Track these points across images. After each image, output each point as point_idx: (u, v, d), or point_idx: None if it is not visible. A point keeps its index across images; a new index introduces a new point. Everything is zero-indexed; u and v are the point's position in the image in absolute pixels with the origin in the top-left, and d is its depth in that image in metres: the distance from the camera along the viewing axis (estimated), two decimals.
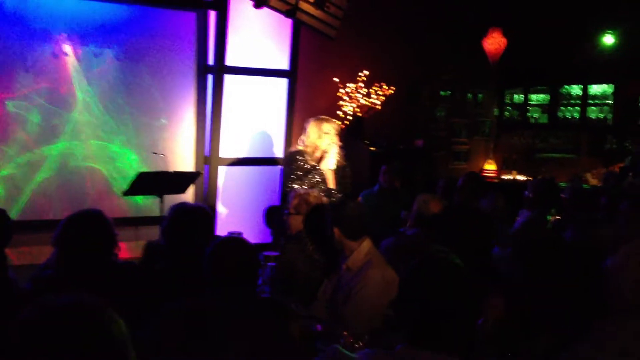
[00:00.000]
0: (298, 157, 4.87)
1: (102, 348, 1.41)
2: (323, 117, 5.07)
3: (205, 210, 3.08)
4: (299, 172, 4.78)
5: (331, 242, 3.56)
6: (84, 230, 2.77)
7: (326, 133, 4.83)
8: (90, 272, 2.65)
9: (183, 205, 3.09)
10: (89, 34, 6.17)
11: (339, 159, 4.99)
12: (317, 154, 4.99)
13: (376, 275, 3.25)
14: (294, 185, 4.71)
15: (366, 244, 3.40)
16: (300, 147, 4.92)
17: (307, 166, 4.80)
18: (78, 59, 6.17)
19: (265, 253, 3.29)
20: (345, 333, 2.60)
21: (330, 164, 4.85)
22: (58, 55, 6.08)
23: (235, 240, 2.51)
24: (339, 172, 4.98)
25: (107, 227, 2.82)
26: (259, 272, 3.13)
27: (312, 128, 4.92)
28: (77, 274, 2.64)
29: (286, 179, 4.87)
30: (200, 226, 2.97)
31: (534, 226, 4.84)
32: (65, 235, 2.77)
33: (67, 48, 6.10)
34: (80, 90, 6.20)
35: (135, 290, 2.65)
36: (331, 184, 4.91)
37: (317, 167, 4.85)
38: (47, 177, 6.08)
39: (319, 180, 4.81)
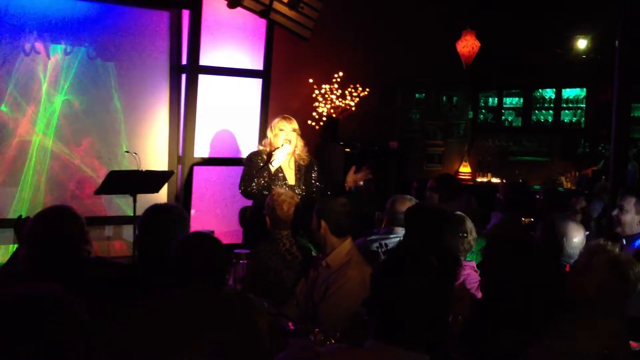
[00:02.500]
0: (252, 158, 4.68)
1: (60, 335, 1.43)
2: (283, 115, 4.84)
3: (180, 209, 3.05)
4: (251, 172, 4.60)
5: (308, 240, 3.53)
6: (54, 225, 2.73)
7: (281, 130, 4.61)
8: (59, 268, 2.60)
9: (157, 205, 3.06)
10: (60, 31, 6.09)
11: (300, 157, 4.66)
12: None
13: (356, 275, 3.25)
14: (246, 185, 4.53)
15: (348, 243, 3.41)
16: (260, 147, 4.76)
17: (259, 166, 4.63)
18: (49, 56, 6.08)
19: (237, 251, 3.25)
20: (316, 330, 2.58)
21: (274, 162, 4.56)
22: (29, 52, 5.99)
23: (201, 235, 2.48)
24: (301, 170, 4.67)
25: (77, 223, 2.78)
26: (231, 270, 3.11)
27: (270, 127, 4.77)
28: (46, 270, 2.60)
29: (241, 179, 4.65)
30: (175, 225, 2.93)
31: (504, 227, 4.87)
32: (35, 231, 2.73)
33: (38, 45, 6.01)
34: (52, 88, 6.11)
35: (106, 286, 2.61)
36: (291, 182, 4.61)
37: (265, 167, 4.61)
38: (10, 176, 5.99)
39: (268, 180, 4.55)
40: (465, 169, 9.15)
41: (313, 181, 4.69)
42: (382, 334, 1.84)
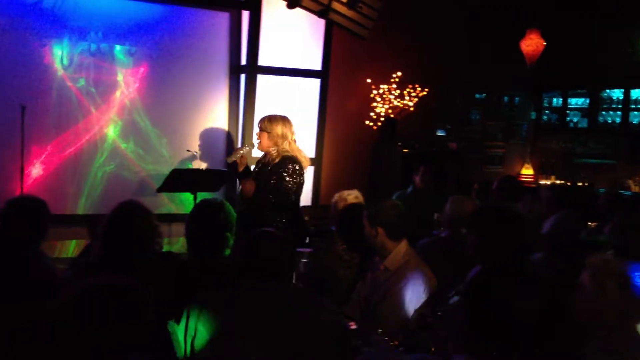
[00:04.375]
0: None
1: (132, 325, 1.48)
2: None
3: (227, 206, 3.08)
4: None
5: (365, 242, 3.50)
6: (128, 220, 2.83)
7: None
8: (132, 261, 2.66)
9: (207, 200, 3.12)
10: (124, 33, 6.24)
11: (271, 156, 4.39)
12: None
13: (414, 276, 3.25)
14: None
15: (404, 245, 3.40)
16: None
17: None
18: (113, 57, 6.23)
19: (300, 250, 3.25)
20: (380, 331, 2.56)
21: (228, 158, 4.55)
22: (94, 53, 6.15)
23: (270, 233, 2.47)
24: (263, 169, 4.44)
25: (149, 218, 2.87)
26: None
27: None
28: (119, 263, 2.66)
29: None
30: (222, 220, 2.97)
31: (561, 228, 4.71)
32: (110, 225, 2.81)
33: (103, 46, 6.17)
34: (115, 88, 6.26)
35: (174, 279, 2.67)
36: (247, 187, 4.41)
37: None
38: (78, 173, 6.17)
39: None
40: (527, 171, 8.91)
41: (271, 184, 4.34)
42: (481, 349, 1.80)
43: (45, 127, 5.97)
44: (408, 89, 7.46)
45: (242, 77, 6.76)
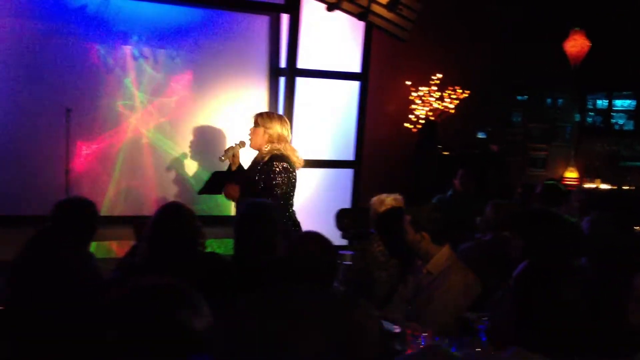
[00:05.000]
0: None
1: (182, 325, 1.47)
2: None
3: (273, 206, 3.08)
4: None
5: (404, 245, 3.48)
6: (174, 221, 2.85)
7: None
8: (178, 261, 2.68)
9: (253, 201, 3.13)
10: (165, 37, 6.32)
11: (261, 154, 4.26)
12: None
13: (458, 280, 3.26)
14: None
15: (446, 249, 3.40)
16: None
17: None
18: (155, 60, 6.31)
19: (341, 252, 3.23)
20: (426, 334, 2.54)
21: (222, 155, 4.43)
22: (137, 57, 6.24)
23: (314, 234, 2.46)
24: (253, 167, 4.31)
25: (194, 219, 2.89)
26: None
27: None
28: (165, 263, 2.68)
29: None
30: (269, 221, 2.97)
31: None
32: (156, 226, 2.84)
33: (145, 50, 6.26)
34: (157, 91, 6.35)
35: (218, 280, 2.68)
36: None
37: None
38: (121, 174, 6.26)
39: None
40: (571, 174, 8.72)
41: (259, 184, 4.20)
42: (530, 342, 1.82)
43: (90, 129, 6.06)
44: (448, 91, 7.39)
45: (281, 79, 6.78)
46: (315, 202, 6.84)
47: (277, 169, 4.10)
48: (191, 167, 6.52)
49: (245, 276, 2.75)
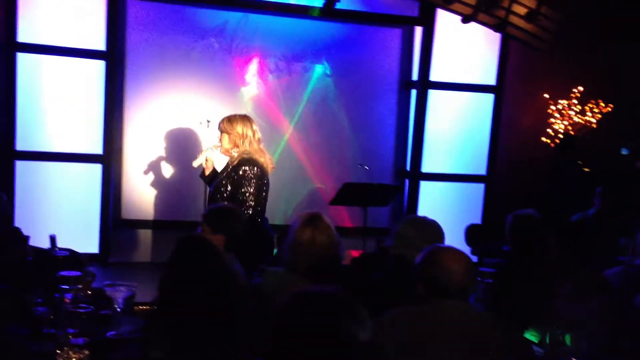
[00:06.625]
0: None
1: (346, 336, 1.48)
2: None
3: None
4: None
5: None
6: (321, 231, 2.82)
7: None
8: (323, 272, 2.72)
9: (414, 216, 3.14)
10: (300, 51, 6.51)
11: (232, 160, 4.07)
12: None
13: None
14: None
15: None
16: None
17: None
18: (291, 74, 6.51)
19: (481, 269, 3.14)
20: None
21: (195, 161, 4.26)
22: (273, 70, 6.47)
23: (456, 250, 2.41)
24: (223, 172, 4.11)
25: (331, 230, 2.88)
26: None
27: None
28: (309, 273, 2.72)
29: None
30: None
31: None
32: (297, 237, 2.85)
33: (281, 63, 6.47)
34: (290, 104, 6.53)
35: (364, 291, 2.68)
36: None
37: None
38: None
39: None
40: None
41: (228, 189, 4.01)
42: None
43: None
44: (590, 105, 7.01)
45: (413, 92, 6.75)
46: (443, 216, 6.70)
47: (245, 173, 3.93)
48: (320, 177, 6.64)
49: (389, 289, 2.73)
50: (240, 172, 3.92)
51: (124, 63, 6.10)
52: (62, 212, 5.73)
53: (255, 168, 3.95)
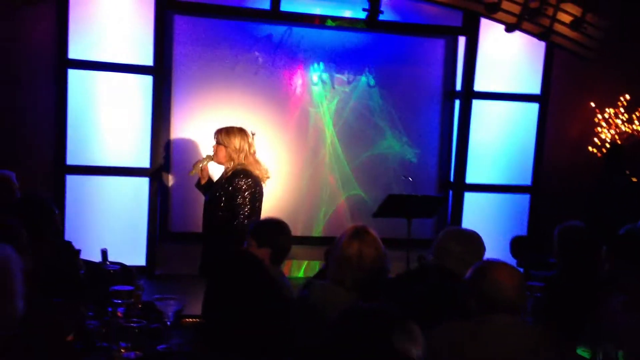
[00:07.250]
0: None
1: (398, 352, 1.52)
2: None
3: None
4: None
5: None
6: (368, 244, 2.81)
7: None
8: (368, 286, 2.72)
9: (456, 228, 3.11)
10: (344, 62, 6.56)
11: (227, 170, 4.11)
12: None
13: None
14: None
15: None
16: None
17: None
18: (333, 85, 6.55)
19: (530, 283, 3.10)
20: None
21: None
22: (316, 82, 6.52)
23: (507, 265, 2.38)
24: (219, 183, 4.15)
25: (378, 243, 2.88)
26: None
27: None
28: (354, 287, 2.72)
29: None
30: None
31: None
32: (342, 249, 2.87)
33: (324, 75, 6.52)
34: (335, 115, 6.57)
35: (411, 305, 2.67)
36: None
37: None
38: (298, 196, 6.52)
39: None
40: None
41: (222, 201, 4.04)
42: None
43: (275, 151, 6.32)
44: (638, 113, 6.85)
45: (456, 102, 6.71)
46: (488, 227, 6.63)
47: (238, 185, 3.97)
48: (362, 189, 6.65)
49: (440, 305, 2.71)
50: (234, 184, 3.99)
51: (170, 78, 6.22)
52: (110, 225, 5.85)
53: (249, 179, 4.01)
